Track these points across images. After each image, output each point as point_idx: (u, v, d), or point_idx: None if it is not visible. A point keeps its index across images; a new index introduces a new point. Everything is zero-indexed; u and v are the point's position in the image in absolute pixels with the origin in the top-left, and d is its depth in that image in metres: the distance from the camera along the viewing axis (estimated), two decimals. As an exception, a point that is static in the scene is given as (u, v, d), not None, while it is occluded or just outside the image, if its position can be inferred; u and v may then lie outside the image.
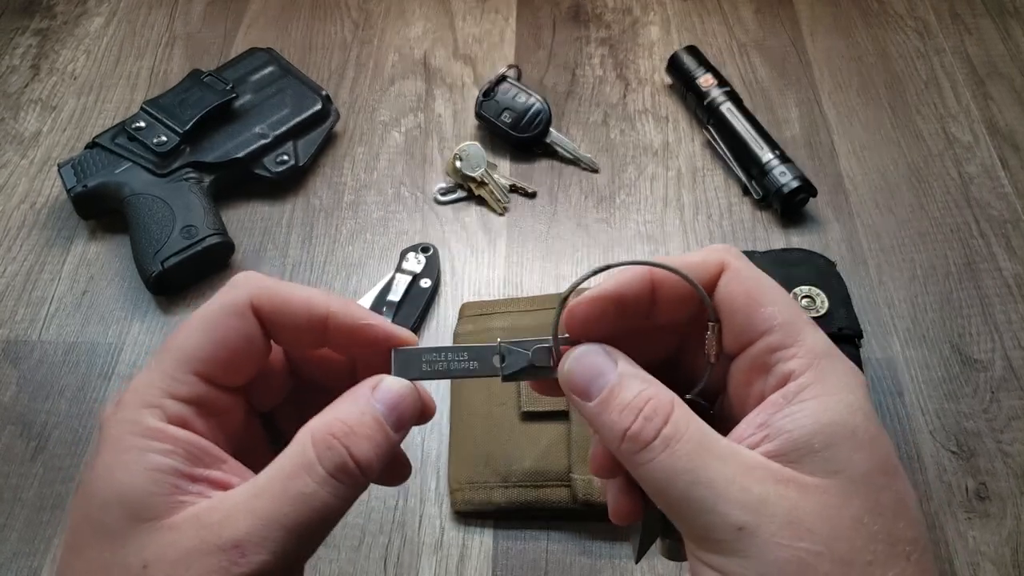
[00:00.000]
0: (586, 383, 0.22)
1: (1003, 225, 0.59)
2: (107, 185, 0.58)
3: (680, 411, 0.21)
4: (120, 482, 0.19)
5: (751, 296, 0.22)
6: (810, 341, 0.21)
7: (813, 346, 0.21)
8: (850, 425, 0.20)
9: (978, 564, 0.44)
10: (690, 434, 0.20)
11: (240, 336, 0.21)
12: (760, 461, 0.20)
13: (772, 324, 0.22)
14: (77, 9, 0.76)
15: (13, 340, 0.54)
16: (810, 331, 0.22)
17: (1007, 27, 0.72)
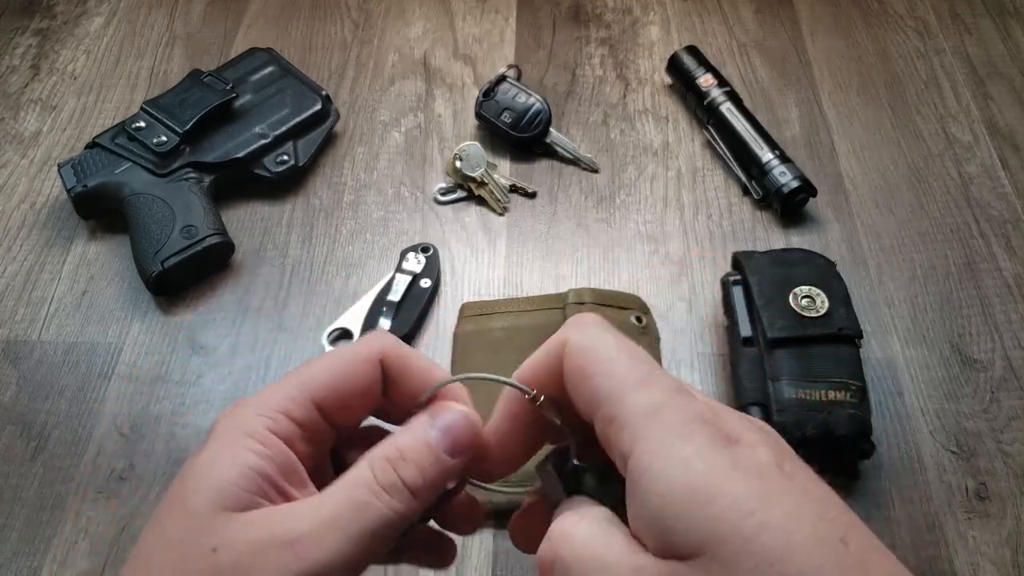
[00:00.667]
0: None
1: (1003, 225, 0.59)
2: (107, 185, 0.58)
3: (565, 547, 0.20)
4: (215, 470, 0.21)
5: (581, 370, 0.21)
6: (630, 406, 0.20)
7: (635, 410, 0.20)
8: (690, 482, 0.18)
9: (978, 564, 0.44)
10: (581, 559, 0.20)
11: (364, 379, 0.23)
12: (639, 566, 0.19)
13: (599, 398, 0.21)
14: (77, 9, 0.76)
15: (13, 340, 0.54)
16: (633, 394, 0.20)
17: (1007, 27, 0.72)
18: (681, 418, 0.19)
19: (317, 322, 0.55)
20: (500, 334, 0.51)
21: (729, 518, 0.17)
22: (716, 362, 0.52)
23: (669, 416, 0.19)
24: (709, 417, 0.20)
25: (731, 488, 0.18)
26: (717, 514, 0.18)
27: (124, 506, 0.47)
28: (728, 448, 0.19)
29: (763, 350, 0.47)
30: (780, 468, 0.19)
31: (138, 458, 0.49)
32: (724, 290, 0.52)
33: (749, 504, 0.18)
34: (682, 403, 0.20)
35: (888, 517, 0.46)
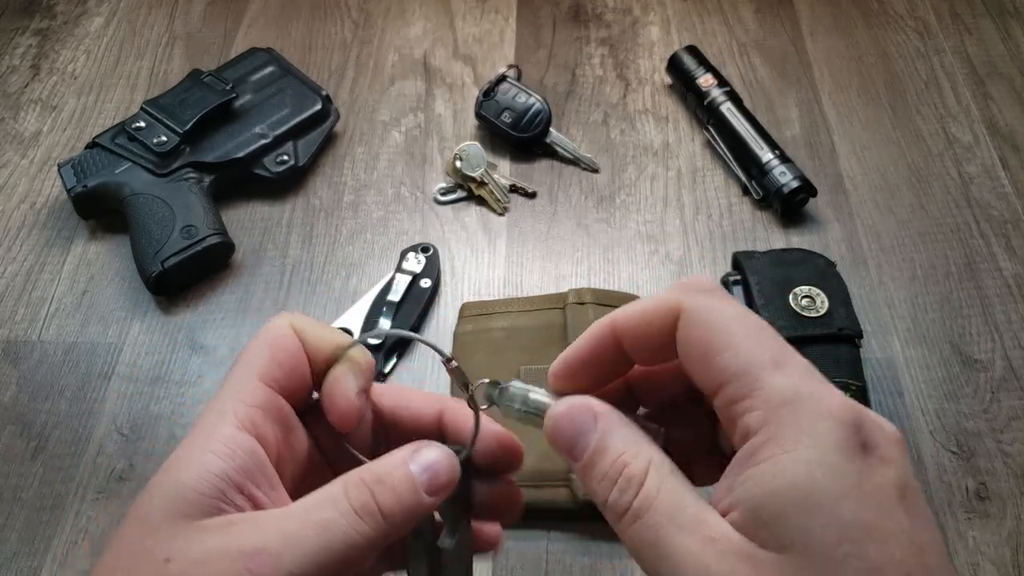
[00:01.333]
0: (570, 443, 0.22)
1: (1003, 225, 0.59)
2: (107, 185, 0.57)
3: (653, 478, 0.20)
4: (176, 476, 0.21)
5: (704, 345, 0.21)
6: (767, 389, 0.19)
7: (770, 395, 0.19)
8: (803, 489, 0.18)
9: (978, 564, 0.44)
10: (658, 504, 0.20)
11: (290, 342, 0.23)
12: (724, 532, 0.19)
13: (726, 376, 0.20)
14: (77, 9, 0.76)
15: (13, 340, 0.54)
16: (768, 376, 0.19)
17: (1007, 27, 0.72)
18: (818, 410, 0.19)
19: (317, 322, 0.55)
20: (500, 334, 0.51)
21: (825, 539, 0.17)
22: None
23: (804, 407, 0.19)
24: (847, 416, 0.19)
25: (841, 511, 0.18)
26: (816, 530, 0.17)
27: (124, 506, 0.47)
28: (858, 459, 0.18)
29: (763, 350, 0.47)
30: (901, 496, 0.18)
31: (138, 458, 0.49)
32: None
33: (851, 532, 0.17)
34: (820, 393, 0.19)
35: (888, 517, 0.46)
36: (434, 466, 0.22)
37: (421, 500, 0.22)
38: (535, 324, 0.51)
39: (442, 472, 0.22)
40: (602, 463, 0.21)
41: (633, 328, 0.22)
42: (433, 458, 0.22)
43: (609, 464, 0.21)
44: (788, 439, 0.18)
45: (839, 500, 0.18)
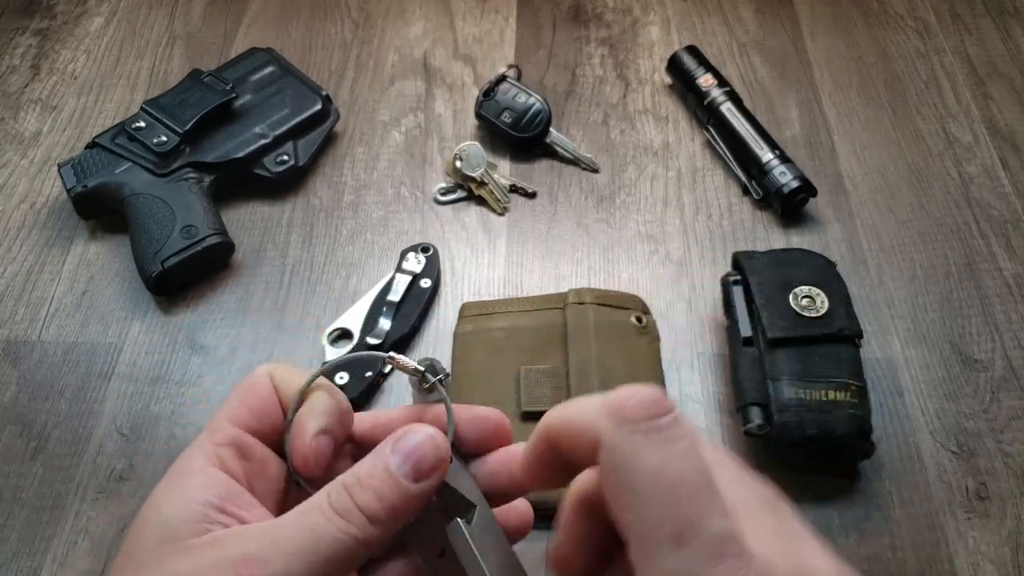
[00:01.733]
0: None
1: (1003, 225, 0.59)
2: (107, 185, 0.57)
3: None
4: (157, 511, 0.21)
5: (613, 493, 0.18)
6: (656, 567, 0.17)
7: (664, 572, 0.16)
8: None
9: (978, 564, 0.44)
10: None
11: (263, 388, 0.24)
12: None
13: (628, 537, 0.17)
14: (77, 9, 0.76)
15: (13, 340, 0.54)
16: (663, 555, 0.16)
17: (1007, 27, 0.72)
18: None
19: (317, 322, 0.55)
20: (500, 334, 0.51)
21: None
22: (716, 362, 0.52)
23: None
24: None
25: None
26: None
27: (124, 506, 0.47)
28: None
29: (763, 350, 0.47)
30: None
31: (138, 458, 0.49)
32: (724, 290, 0.52)
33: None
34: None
35: (888, 517, 0.46)
36: (416, 452, 0.22)
37: (407, 490, 0.21)
38: (535, 324, 0.51)
39: (426, 455, 0.22)
40: None
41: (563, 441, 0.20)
42: (413, 443, 0.22)
43: None
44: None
45: None
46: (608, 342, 0.49)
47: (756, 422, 0.46)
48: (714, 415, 0.50)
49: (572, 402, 0.20)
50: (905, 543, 0.45)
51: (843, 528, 0.46)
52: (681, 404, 0.50)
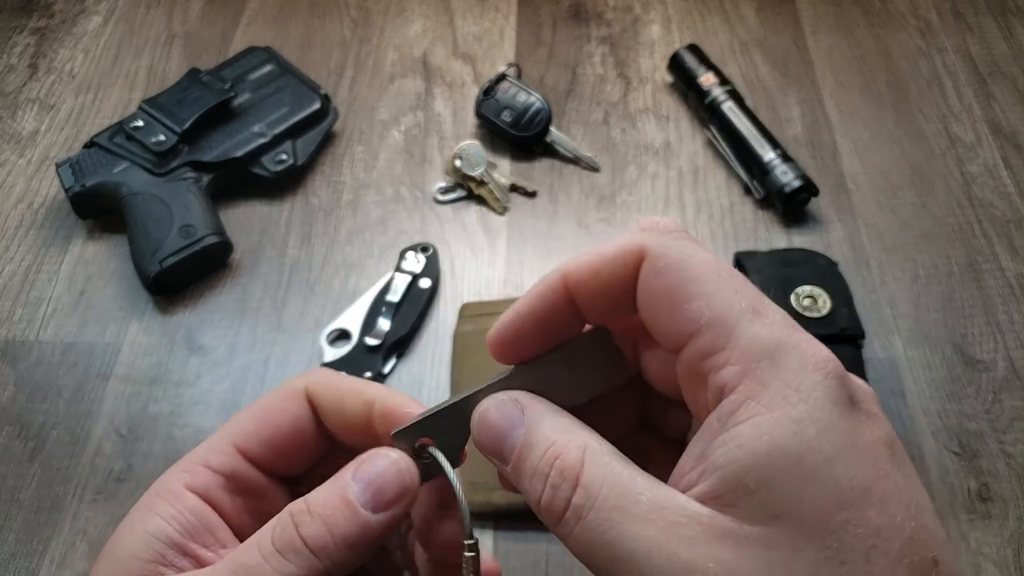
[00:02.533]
0: (497, 444, 0.19)
1: (1005, 225, 0.58)
2: (105, 184, 0.57)
3: (591, 468, 0.17)
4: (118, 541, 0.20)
5: (672, 291, 0.18)
6: (745, 340, 0.17)
7: (749, 346, 0.17)
8: (794, 450, 0.16)
9: (980, 565, 0.44)
10: (603, 497, 0.17)
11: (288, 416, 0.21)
12: (693, 513, 0.16)
13: (697, 326, 0.17)
14: (75, 8, 0.76)
15: (11, 340, 0.54)
16: (746, 325, 0.17)
17: (1009, 26, 0.71)
18: (803, 363, 0.16)
19: (316, 322, 0.54)
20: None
21: (821, 505, 0.15)
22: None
23: (788, 359, 0.16)
24: (834, 369, 0.17)
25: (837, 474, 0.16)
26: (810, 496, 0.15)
27: (122, 507, 0.47)
28: (849, 415, 0.16)
29: (764, 351, 0.47)
30: (892, 453, 0.17)
31: (136, 459, 0.49)
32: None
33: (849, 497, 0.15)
34: (804, 344, 0.17)
35: (890, 519, 0.46)
36: (377, 479, 0.19)
37: (365, 522, 0.19)
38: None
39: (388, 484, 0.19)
40: (531, 457, 0.18)
41: (589, 278, 0.20)
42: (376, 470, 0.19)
43: (539, 457, 0.18)
44: (772, 396, 0.16)
45: (833, 462, 0.16)
46: (609, 342, 0.48)
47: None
48: (715, 416, 0.50)
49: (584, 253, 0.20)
50: (907, 545, 0.45)
51: (845, 530, 0.45)
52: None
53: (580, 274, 0.20)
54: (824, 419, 0.16)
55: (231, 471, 0.21)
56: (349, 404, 0.21)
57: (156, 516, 0.20)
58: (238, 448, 0.21)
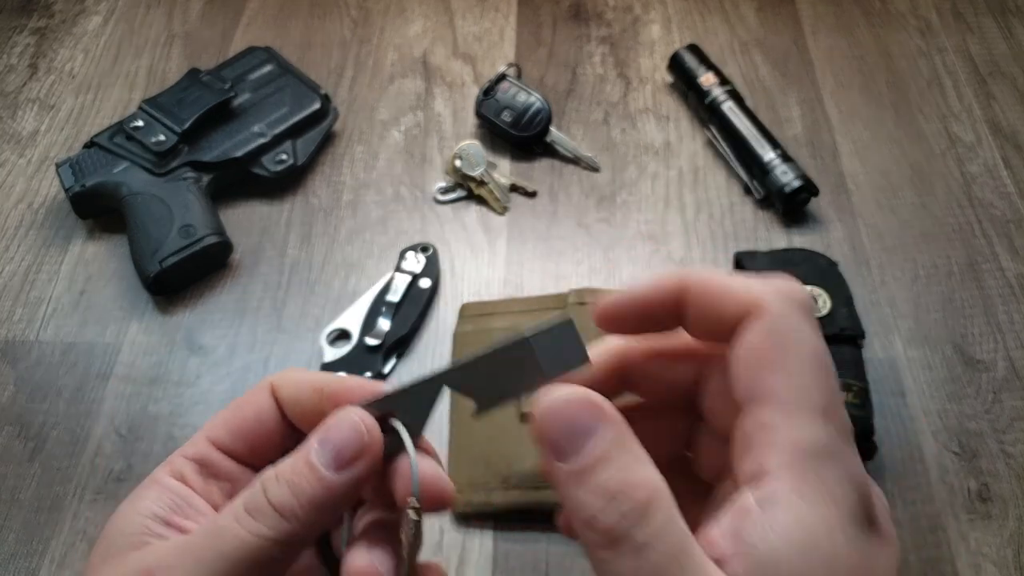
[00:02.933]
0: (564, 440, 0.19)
1: (1006, 225, 0.58)
2: (105, 184, 0.57)
3: (662, 510, 0.17)
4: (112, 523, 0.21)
5: (765, 353, 0.19)
6: (806, 434, 0.18)
7: (806, 441, 0.18)
8: (828, 550, 0.17)
9: (980, 566, 0.44)
10: (667, 543, 0.17)
11: (252, 408, 0.23)
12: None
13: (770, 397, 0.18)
14: (75, 8, 0.76)
15: (11, 340, 0.54)
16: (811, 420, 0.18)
17: (1009, 26, 0.71)
18: (842, 475, 0.18)
19: (316, 322, 0.54)
20: (500, 334, 0.51)
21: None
22: (717, 362, 0.52)
23: (836, 468, 0.18)
24: (863, 487, 0.18)
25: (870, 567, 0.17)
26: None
27: (122, 507, 0.47)
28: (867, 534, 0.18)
29: (764, 351, 0.47)
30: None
31: (136, 459, 0.49)
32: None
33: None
34: (848, 456, 0.18)
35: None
36: (335, 438, 0.20)
37: (327, 481, 0.20)
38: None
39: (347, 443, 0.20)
40: (602, 474, 0.18)
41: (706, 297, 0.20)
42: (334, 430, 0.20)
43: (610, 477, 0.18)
44: (811, 492, 0.17)
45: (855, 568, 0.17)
46: (609, 342, 0.48)
47: (757, 423, 0.45)
48: (715, 416, 0.50)
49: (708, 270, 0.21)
50: (907, 544, 0.45)
51: (845, 530, 0.45)
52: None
53: (701, 289, 0.20)
54: (851, 533, 0.17)
55: (203, 458, 0.23)
56: (304, 393, 0.23)
57: (142, 499, 0.21)
58: (210, 439, 0.23)
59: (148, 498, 0.21)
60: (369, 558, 0.20)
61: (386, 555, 0.21)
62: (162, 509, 0.21)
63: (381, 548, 0.21)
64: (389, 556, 0.21)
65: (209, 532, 0.20)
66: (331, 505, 0.20)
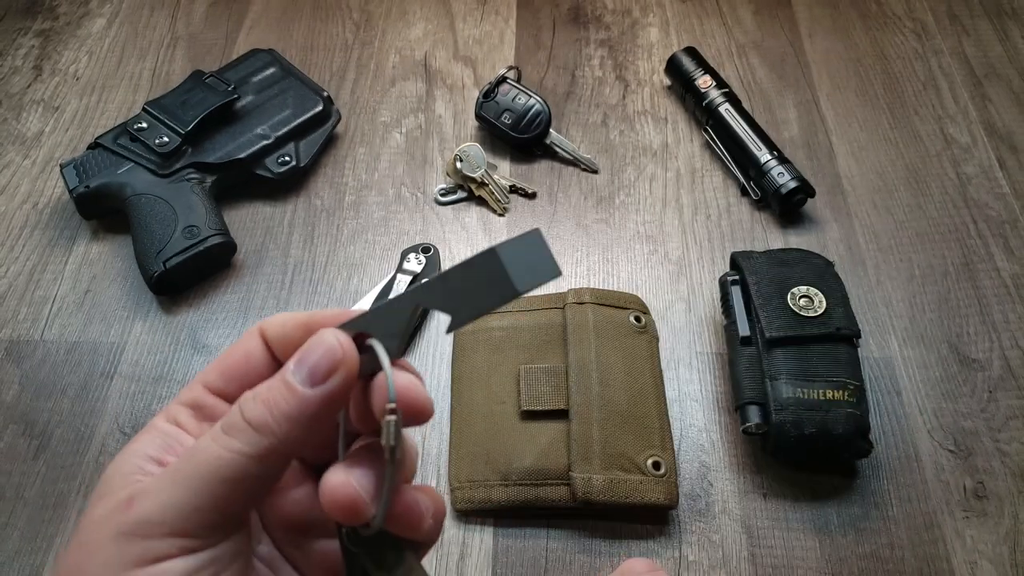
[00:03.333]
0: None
1: (1001, 225, 0.59)
2: (109, 185, 0.58)
3: None
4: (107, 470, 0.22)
5: None
6: None
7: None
8: None
9: (976, 563, 0.44)
10: None
11: (241, 351, 0.23)
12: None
13: None
14: (79, 10, 0.77)
15: (16, 340, 0.55)
16: None
17: (1005, 28, 0.72)
18: None
19: (318, 322, 0.55)
20: (500, 334, 0.51)
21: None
22: (715, 361, 0.52)
23: None
24: None
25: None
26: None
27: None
28: None
29: (761, 349, 0.47)
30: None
31: (140, 457, 0.49)
32: (723, 290, 0.52)
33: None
34: None
35: (886, 516, 0.46)
36: (310, 356, 0.21)
37: (301, 396, 0.20)
38: (535, 324, 0.51)
39: (321, 359, 0.21)
40: None
41: None
42: (309, 349, 0.21)
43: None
44: None
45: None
46: (607, 341, 0.49)
47: (754, 421, 0.46)
48: (713, 414, 0.50)
49: None
50: (903, 542, 0.45)
51: (841, 526, 0.46)
52: (680, 403, 0.51)
53: None
54: None
55: (197, 402, 0.23)
56: (290, 331, 0.23)
57: (136, 443, 0.22)
58: (203, 384, 0.23)
59: (142, 441, 0.22)
60: (346, 475, 0.21)
61: (367, 474, 0.21)
62: (155, 450, 0.21)
63: (362, 468, 0.21)
64: (371, 476, 0.21)
65: (187, 455, 0.20)
66: (306, 420, 0.20)
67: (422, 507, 0.22)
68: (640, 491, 0.44)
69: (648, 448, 0.46)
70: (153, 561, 0.19)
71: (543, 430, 0.47)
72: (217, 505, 0.20)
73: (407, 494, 0.22)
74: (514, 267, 0.20)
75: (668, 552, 0.45)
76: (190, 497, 0.20)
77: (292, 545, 0.24)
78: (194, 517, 0.19)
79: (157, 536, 0.19)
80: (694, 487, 0.47)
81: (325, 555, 0.24)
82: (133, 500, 0.20)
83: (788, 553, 0.45)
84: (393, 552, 0.22)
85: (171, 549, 0.19)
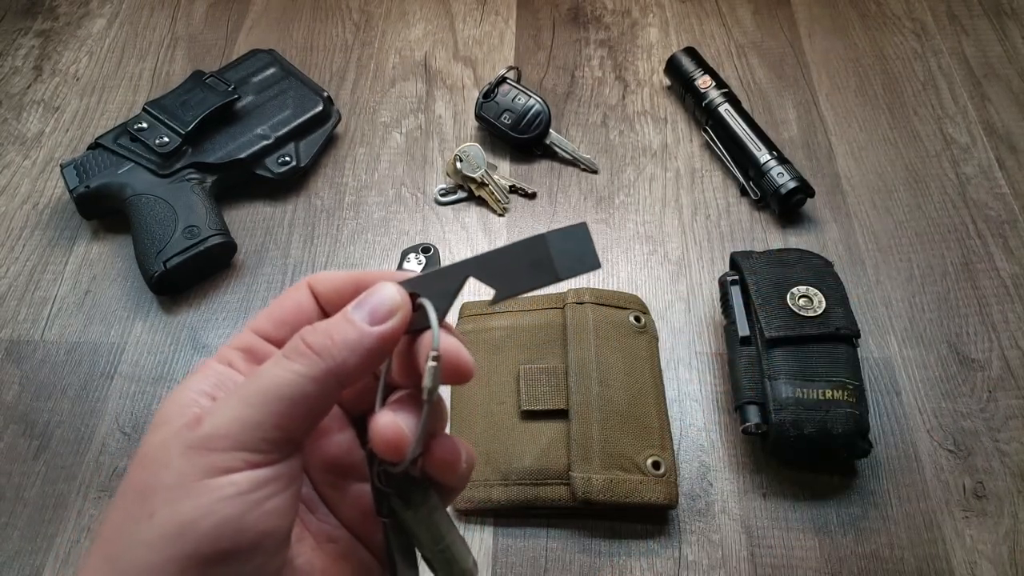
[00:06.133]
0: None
1: (1000, 225, 0.59)
2: (109, 186, 0.58)
3: None
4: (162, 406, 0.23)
5: None
6: None
7: None
8: None
9: (975, 563, 0.44)
10: None
11: (291, 300, 0.25)
12: None
13: None
14: (79, 11, 0.77)
15: (16, 340, 0.55)
16: None
17: (1004, 28, 0.72)
18: None
19: (318, 322, 0.55)
20: (500, 334, 0.51)
21: None
22: (714, 361, 0.52)
23: None
24: None
25: None
26: None
27: (126, 504, 0.47)
28: None
29: (761, 349, 0.47)
30: None
31: (140, 457, 0.49)
32: (722, 290, 0.52)
33: None
34: None
35: (886, 516, 0.46)
36: (371, 300, 0.23)
37: (360, 328, 0.22)
38: (535, 324, 0.51)
39: (381, 303, 0.23)
40: None
41: None
42: (371, 294, 0.23)
43: None
44: None
45: None
46: (607, 341, 0.49)
47: (754, 421, 0.46)
48: (712, 414, 0.50)
49: None
50: (903, 541, 0.45)
51: (841, 526, 0.46)
52: (679, 403, 0.51)
53: None
54: None
55: (248, 345, 0.24)
56: (340, 285, 0.25)
57: (190, 379, 0.23)
58: (254, 330, 0.25)
59: (196, 379, 0.23)
60: (394, 418, 0.23)
61: (409, 418, 0.23)
62: (209, 387, 0.23)
63: (406, 412, 0.23)
64: (413, 421, 0.23)
65: (251, 377, 0.22)
66: (362, 351, 0.22)
67: (460, 450, 0.24)
68: (640, 491, 0.44)
69: (648, 448, 0.46)
70: (223, 472, 0.20)
71: (543, 430, 0.47)
72: (278, 423, 0.21)
73: (447, 439, 0.24)
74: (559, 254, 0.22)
75: (668, 552, 0.45)
76: (252, 413, 0.21)
77: (330, 486, 0.26)
78: (257, 433, 0.21)
79: (224, 449, 0.20)
80: (694, 487, 0.47)
81: (358, 497, 0.26)
82: (201, 418, 0.21)
83: (788, 553, 0.45)
84: (419, 492, 0.24)
85: (237, 462, 0.21)
